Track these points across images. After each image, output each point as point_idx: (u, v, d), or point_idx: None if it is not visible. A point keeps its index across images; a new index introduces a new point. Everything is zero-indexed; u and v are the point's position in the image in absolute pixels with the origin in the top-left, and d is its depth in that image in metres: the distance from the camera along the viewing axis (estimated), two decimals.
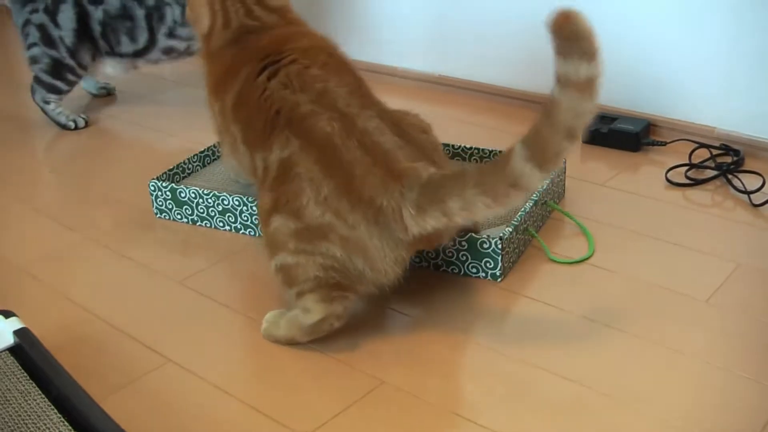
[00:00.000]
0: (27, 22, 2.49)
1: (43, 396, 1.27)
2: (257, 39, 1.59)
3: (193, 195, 1.84)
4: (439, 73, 2.67)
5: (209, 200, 1.83)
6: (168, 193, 1.87)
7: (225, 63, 1.60)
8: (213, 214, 1.84)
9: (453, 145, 2.02)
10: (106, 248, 1.81)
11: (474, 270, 1.61)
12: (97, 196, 2.08)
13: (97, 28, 2.47)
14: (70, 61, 2.49)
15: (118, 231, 1.89)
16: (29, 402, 1.25)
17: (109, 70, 2.58)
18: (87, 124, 2.57)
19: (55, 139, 2.48)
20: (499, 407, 1.29)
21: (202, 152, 2.07)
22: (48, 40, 2.47)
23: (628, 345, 1.42)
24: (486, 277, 1.61)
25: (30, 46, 2.51)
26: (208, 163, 2.09)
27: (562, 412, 1.27)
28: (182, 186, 1.86)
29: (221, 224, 1.85)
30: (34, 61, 2.51)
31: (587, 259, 1.67)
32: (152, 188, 1.89)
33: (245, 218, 1.81)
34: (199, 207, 1.85)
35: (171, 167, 1.98)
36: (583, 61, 1.17)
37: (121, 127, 2.56)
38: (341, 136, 1.40)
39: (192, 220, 1.88)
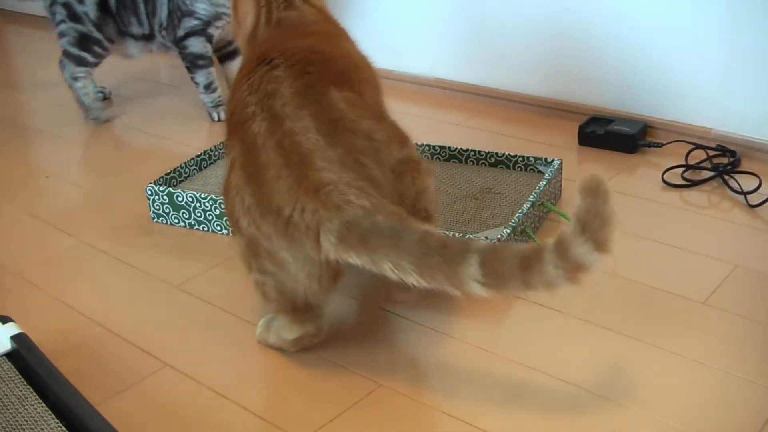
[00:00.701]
0: (53, 2, 2.54)
1: (40, 401, 1.27)
2: (276, 33, 1.53)
3: (190, 199, 1.84)
4: (436, 76, 2.67)
5: (206, 204, 1.83)
6: (165, 197, 1.87)
7: (249, 58, 1.53)
8: (210, 217, 1.84)
9: (450, 147, 2.02)
10: (104, 253, 1.81)
11: None
12: (94, 200, 2.08)
13: (113, 3, 2.50)
14: (98, 34, 2.53)
15: (115, 235, 1.88)
16: (27, 407, 1.25)
17: (131, 50, 2.61)
18: (107, 120, 2.63)
19: (50, 144, 2.48)
20: (496, 410, 1.29)
21: (198, 156, 2.07)
22: (74, 16, 2.51)
23: (626, 347, 1.42)
24: None
25: (58, 23, 2.56)
26: (205, 167, 2.09)
27: (560, 415, 1.27)
28: (179, 190, 1.86)
29: (218, 228, 1.85)
30: (62, 35, 2.56)
31: None
32: (149, 192, 1.89)
33: None
34: (196, 211, 1.85)
35: (168, 171, 1.98)
36: (593, 248, 1.10)
37: (117, 132, 2.56)
38: (263, 137, 1.32)
39: (189, 224, 1.88)
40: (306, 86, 1.38)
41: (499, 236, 1.58)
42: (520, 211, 1.68)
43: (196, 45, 2.47)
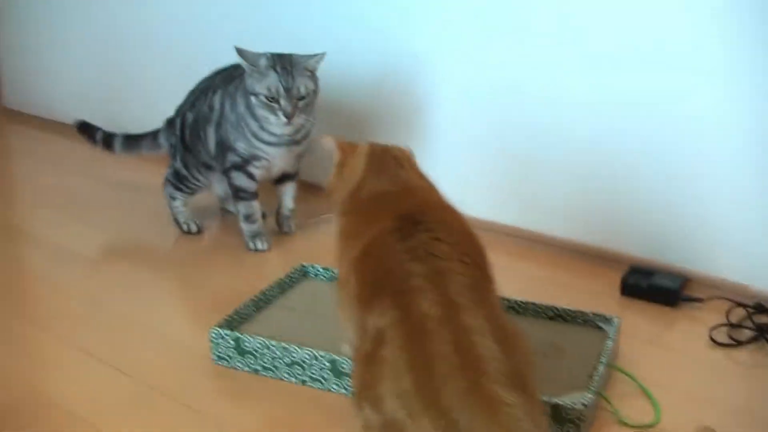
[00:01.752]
0: (170, 145, 2.71)
1: None
2: (404, 193, 1.54)
3: (258, 345, 1.82)
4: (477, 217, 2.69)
5: (276, 351, 1.81)
6: (231, 341, 1.85)
7: (366, 210, 1.54)
8: (278, 365, 1.82)
9: (508, 299, 2.03)
10: (169, 398, 1.77)
11: None
12: (146, 335, 2.04)
13: (187, 136, 2.62)
14: (184, 172, 2.64)
15: (178, 378, 1.84)
16: None
17: (213, 182, 2.70)
18: (200, 231, 2.70)
19: (88, 274, 2.45)
20: None
21: (256, 297, 2.06)
22: (172, 152, 2.67)
23: None
24: None
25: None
26: (262, 308, 2.08)
27: None
28: (246, 335, 1.83)
29: (287, 375, 1.82)
30: (169, 166, 2.70)
31: (656, 424, 1.67)
32: (214, 335, 1.87)
33: (314, 372, 1.79)
34: (264, 358, 1.83)
35: (229, 314, 1.95)
36: None
37: (161, 264, 2.55)
38: (436, 323, 1.31)
39: (254, 369, 1.85)
40: (476, 280, 1.40)
41: (583, 401, 1.58)
42: (596, 373, 1.69)
43: (238, 179, 2.53)
